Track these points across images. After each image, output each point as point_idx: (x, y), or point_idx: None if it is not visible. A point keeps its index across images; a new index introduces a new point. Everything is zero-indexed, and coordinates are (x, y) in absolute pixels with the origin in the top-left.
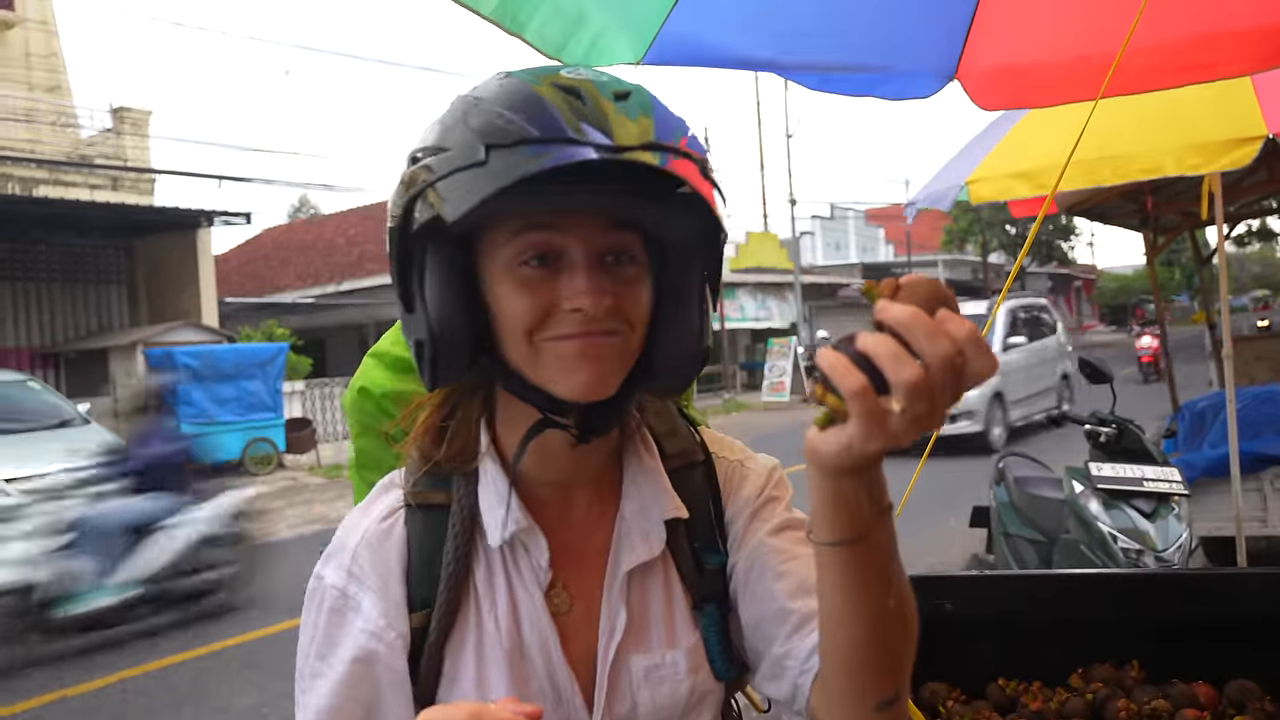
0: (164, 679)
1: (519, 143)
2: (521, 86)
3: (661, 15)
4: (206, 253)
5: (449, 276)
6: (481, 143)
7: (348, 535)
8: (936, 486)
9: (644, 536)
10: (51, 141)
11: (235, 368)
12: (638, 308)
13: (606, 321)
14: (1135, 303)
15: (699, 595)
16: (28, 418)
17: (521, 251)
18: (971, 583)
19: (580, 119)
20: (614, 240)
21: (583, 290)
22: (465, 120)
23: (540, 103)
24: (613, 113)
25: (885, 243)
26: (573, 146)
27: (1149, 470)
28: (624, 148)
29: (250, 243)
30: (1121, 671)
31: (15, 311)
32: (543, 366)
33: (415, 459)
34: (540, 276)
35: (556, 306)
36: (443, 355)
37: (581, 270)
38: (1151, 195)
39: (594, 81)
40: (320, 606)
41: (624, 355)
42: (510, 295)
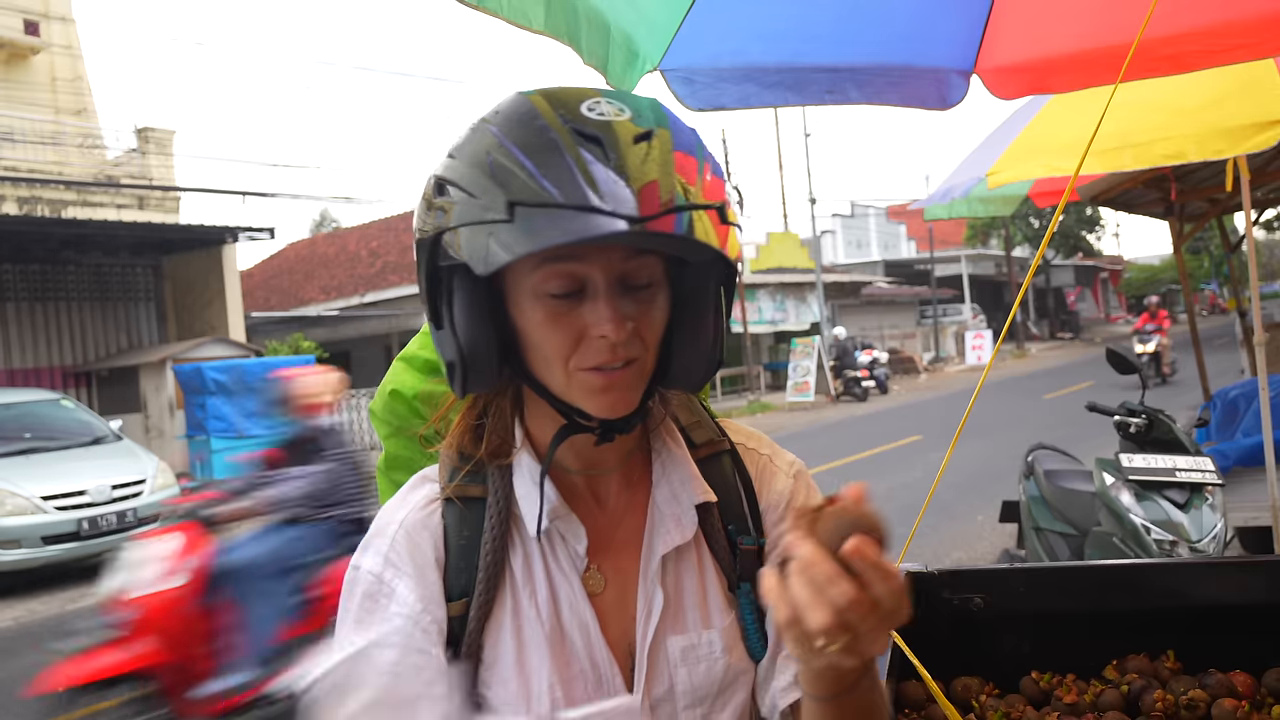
0: None
1: (544, 205)
2: (542, 132)
3: (678, 19)
4: (232, 268)
5: (476, 302)
6: (505, 199)
7: (385, 524)
8: (963, 479)
9: (676, 521)
10: (79, 163)
11: (263, 381)
12: (653, 329)
13: (629, 347)
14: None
15: (735, 575)
16: (61, 436)
17: (546, 281)
18: (1002, 577)
19: (603, 184)
20: (633, 266)
21: (606, 318)
22: (488, 164)
23: (562, 159)
24: (635, 164)
25: (907, 239)
26: (599, 217)
27: (1181, 460)
28: (648, 217)
29: (274, 257)
30: (1157, 663)
31: (47, 331)
32: (573, 390)
33: (453, 457)
34: (567, 306)
35: (585, 334)
36: (472, 372)
37: (603, 299)
38: (1176, 182)
39: (614, 124)
40: (355, 592)
41: (642, 375)
42: (540, 325)
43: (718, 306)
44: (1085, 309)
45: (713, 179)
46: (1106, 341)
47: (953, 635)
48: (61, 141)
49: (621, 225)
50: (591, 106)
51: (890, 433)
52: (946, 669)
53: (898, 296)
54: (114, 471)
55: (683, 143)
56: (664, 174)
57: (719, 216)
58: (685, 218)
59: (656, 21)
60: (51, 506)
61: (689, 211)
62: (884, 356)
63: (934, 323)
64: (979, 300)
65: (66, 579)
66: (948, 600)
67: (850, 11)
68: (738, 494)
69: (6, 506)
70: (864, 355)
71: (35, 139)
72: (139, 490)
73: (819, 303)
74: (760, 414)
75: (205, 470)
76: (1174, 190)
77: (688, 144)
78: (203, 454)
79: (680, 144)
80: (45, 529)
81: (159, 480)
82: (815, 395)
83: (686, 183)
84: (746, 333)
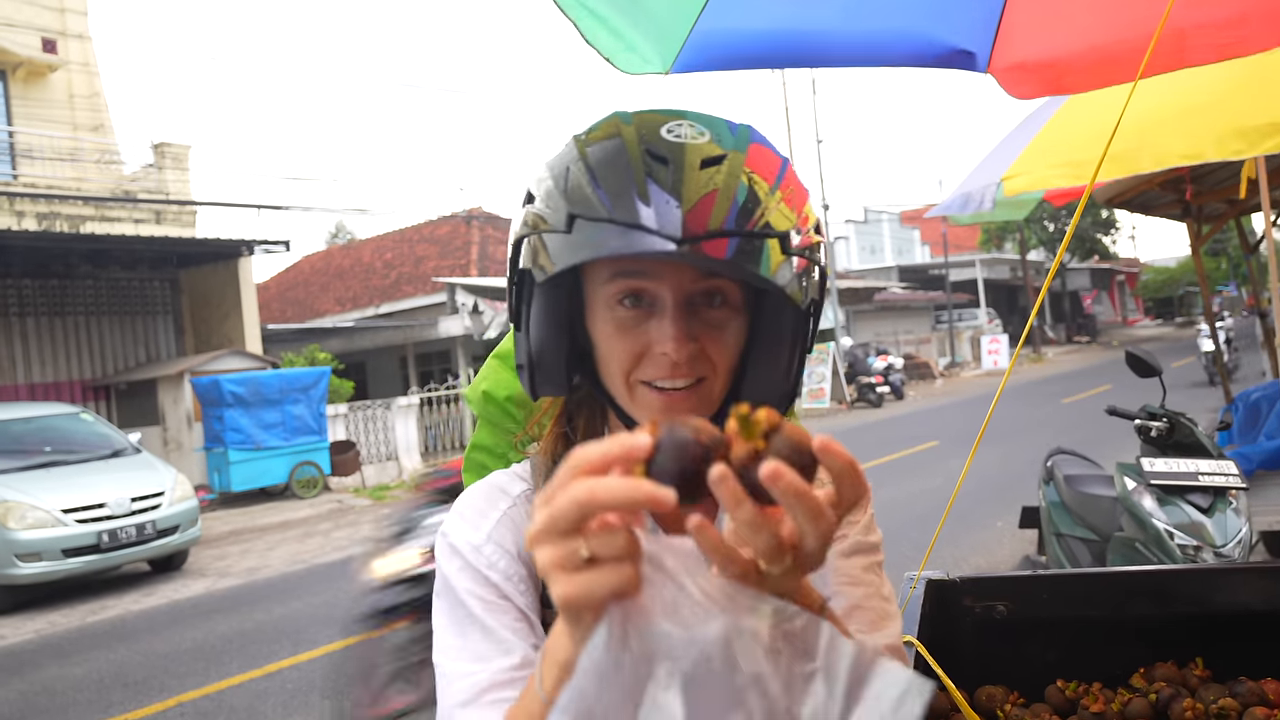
0: (221, 700)
1: (598, 220)
2: (618, 152)
3: (684, 32)
4: (248, 281)
5: (550, 310)
6: (567, 211)
7: (485, 504)
8: (981, 485)
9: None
10: (96, 179)
11: (279, 393)
12: (724, 351)
13: (692, 367)
14: (1183, 294)
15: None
16: (81, 449)
17: (617, 293)
18: (1025, 583)
19: (656, 203)
20: (703, 286)
21: (669, 336)
22: (564, 178)
23: (627, 176)
24: (694, 186)
25: (921, 244)
26: (645, 235)
27: (1204, 464)
28: (694, 239)
29: (290, 270)
30: (1185, 670)
31: (67, 345)
32: (635, 405)
33: (547, 463)
34: (634, 319)
35: (649, 349)
36: (539, 375)
37: (668, 316)
38: (1192, 184)
39: (688, 145)
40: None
41: (709, 399)
42: (609, 337)
43: (796, 339)
44: (1102, 312)
45: (786, 206)
46: (1124, 345)
47: (975, 643)
48: (79, 158)
49: (666, 245)
50: (671, 129)
51: (906, 439)
52: (970, 678)
53: (912, 302)
54: (133, 484)
55: (761, 166)
56: (723, 198)
57: (780, 245)
58: (737, 243)
59: (666, 31)
60: (72, 520)
61: (744, 238)
62: (899, 362)
63: (949, 328)
64: (994, 304)
65: (87, 591)
66: (970, 608)
67: (860, 10)
68: None
69: (27, 520)
70: (879, 361)
71: (54, 155)
72: (158, 502)
73: (834, 309)
74: None
75: (223, 482)
76: (1190, 191)
77: (768, 169)
78: (220, 466)
79: (758, 167)
80: (66, 542)
81: (177, 492)
82: (830, 402)
83: (753, 208)
84: None
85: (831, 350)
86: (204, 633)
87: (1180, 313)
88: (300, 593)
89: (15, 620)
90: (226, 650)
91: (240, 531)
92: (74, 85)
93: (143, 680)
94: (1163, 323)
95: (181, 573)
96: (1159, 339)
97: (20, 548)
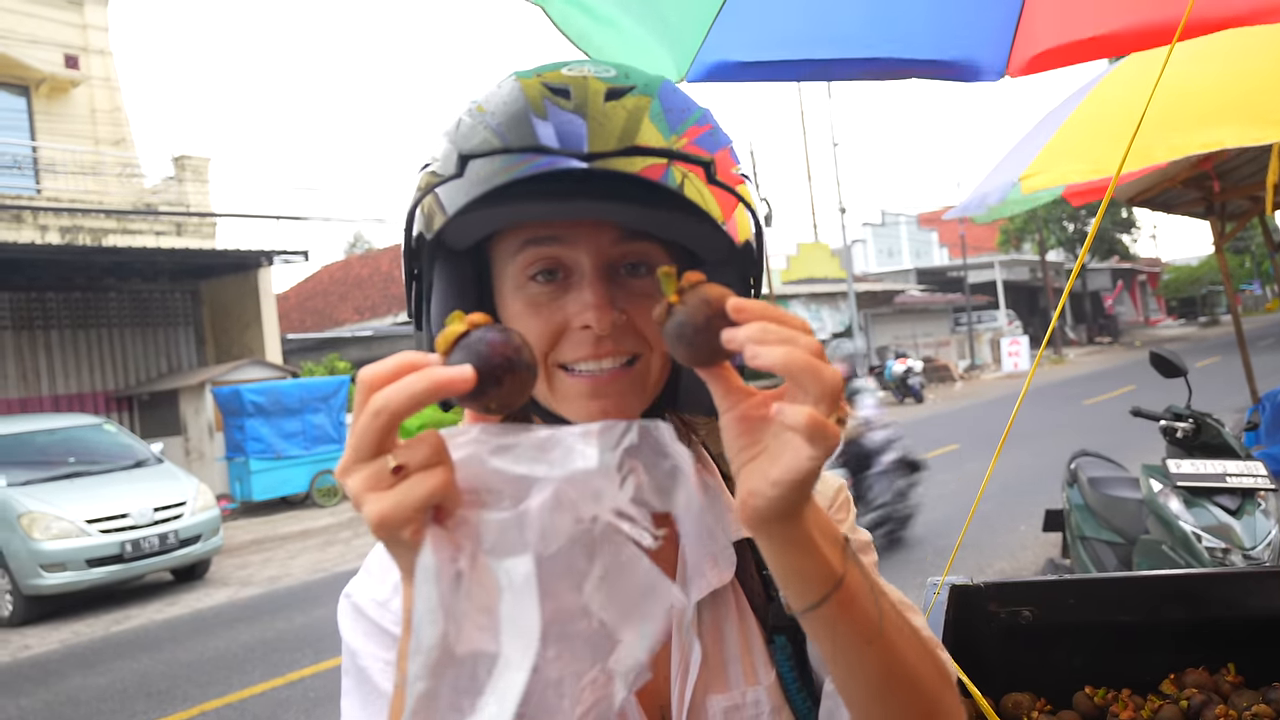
0: (244, 709)
1: (492, 153)
2: (513, 89)
3: (702, 30)
4: (268, 291)
5: (452, 292)
6: (457, 153)
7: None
8: (1003, 489)
9: (713, 561)
10: (118, 192)
11: (300, 402)
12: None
13: (619, 342)
14: (1205, 293)
15: (770, 625)
16: (104, 459)
17: (527, 266)
18: (1051, 588)
19: (556, 123)
20: (627, 250)
21: (589, 304)
22: (455, 130)
23: (520, 106)
24: (598, 112)
25: (939, 246)
26: (542, 156)
27: (1231, 465)
28: (595, 154)
29: (309, 280)
30: (1217, 676)
31: (90, 357)
32: (559, 397)
33: None
34: (548, 294)
35: (568, 325)
36: None
37: (588, 284)
38: (1217, 180)
39: (593, 77)
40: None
41: (644, 381)
42: (520, 317)
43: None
44: (1124, 312)
45: (705, 139)
46: (1147, 345)
47: (1001, 650)
48: (101, 171)
49: (571, 162)
50: (572, 67)
51: (926, 442)
52: (996, 685)
53: (931, 304)
54: (155, 494)
55: (673, 105)
56: (632, 120)
57: (705, 174)
58: (657, 166)
59: (682, 32)
60: (95, 530)
61: (661, 159)
62: (918, 365)
63: (969, 330)
64: (1014, 306)
65: (110, 601)
66: (995, 614)
67: (877, 14)
68: None
69: (52, 530)
70: (898, 364)
71: (76, 170)
72: (180, 512)
73: (851, 312)
74: None
75: (244, 491)
76: (1216, 187)
77: (680, 106)
78: (242, 475)
79: (669, 105)
80: (89, 552)
81: (199, 502)
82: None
83: (667, 133)
84: None
85: None
86: (226, 642)
87: (1203, 312)
88: (322, 601)
89: (41, 630)
90: (249, 659)
91: (262, 540)
92: (96, 100)
93: (166, 690)
94: (1186, 322)
95: (204, 582)
96: (1183, 339)
97: (45, 558)
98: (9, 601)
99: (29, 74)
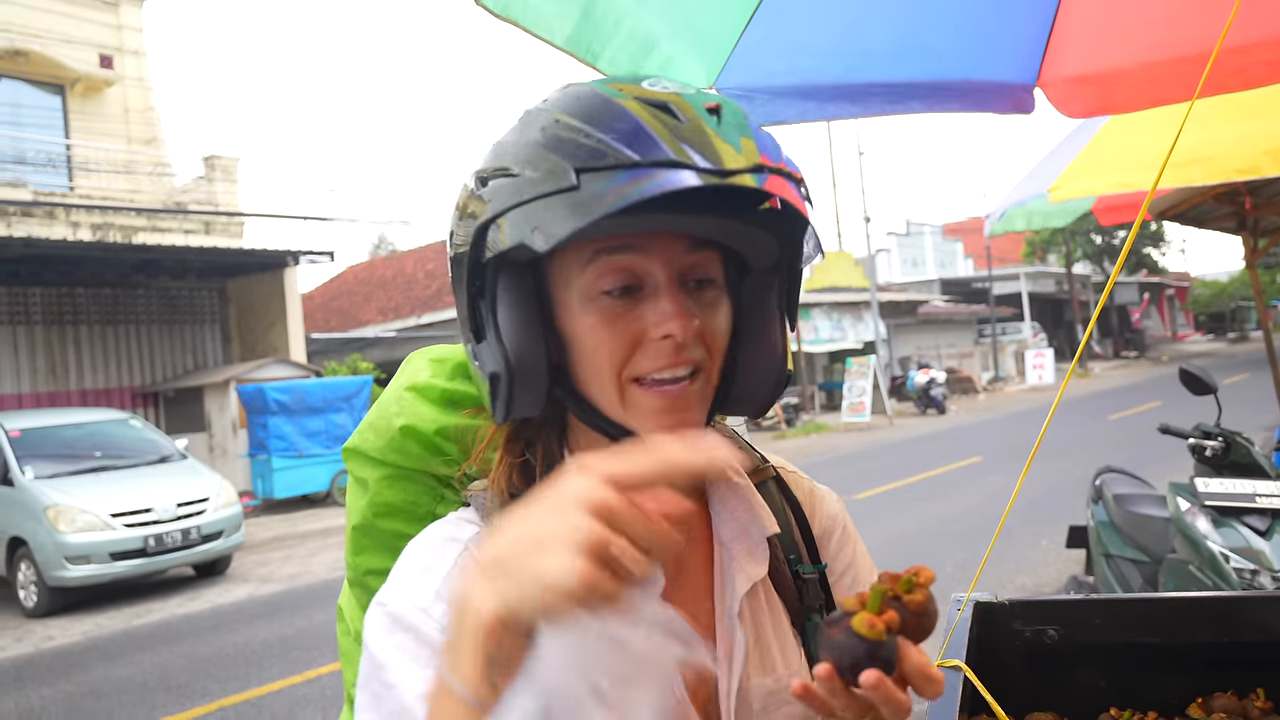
0: (262, 705)
1: (615, 167)
2: (605, 101)
3: (733, 38)
4: (293, 291)
5: (524, 305)
6: (571, 166)
7: (428, 561)
8: (1024, 503)
9: (750, 555)
10: (149, 190)
11: (323, 401)
12: (719, 335)
13: (694, 351)
14: (1234, 309)
15: (804, 608)
16: (130, 454)
17: (600, 278)
18: (1077, 608)
19: (679, 139)
20: (694, 260)
21: (671, 314)
22: (546, 140)
23: (631, 120)
24: (711, 131)
25: (964, 256)
26: (676, 171)
27: (1261, 485)
28: (732, 171)
29: (334, 280)
30: (1246, 701)
31: (118, 352)
32: (630, 409)
33: (501, 495)
34: (624, 307)
35: (644, 336)
36: (520, 388)
37: (666, 294)
38: (1249, 196)
39: (682, 95)
40: (392, 630)
41: (707, 390)
42: (595, 330)
43: (782, 312)
44: (1151, 327)
45: (790, 160)
46: (1174, 360)
47: (1025, 668)
48: (133, 170)
49: (697, 179)
50: (653, 83)
51: (949, 454)
52: (1019, 704)
53: (955, 315)
54: (179, 490)
55: (755, 125)
56: (746, 144)
57: (797, 190)
58: (764, 177)
59: (713, 39)
60: (120, 524)
61: (770, 173)
62: (941, 376)
63: (993, 341)
64: (1039, 318)
65: (133, 595)
66: (1019, 631)
67: (907, 27)
68: (789, 521)
69: (77, 523)
70: (921, 375)
71: (109, 168)
72: (203, 508)
73: (875, 322)
74: (815, 434)
75: (266, 488)
76: (1248, 203)
77: (759, 128)
78: (264, 472)
79: (754, 123)
80: (113, 545)
81: (222, 498)
82: (870, 416)
83: (773, 149)
84: (801, 352)
85: (872, 363)
86: (246, 638)
87: (1233, 328)
88: None
89: (64, 622)
90: (268, 656)
91: (283, 538)
92: (129, 100)
93: (185, 684)
94: (1214, 338)
95: (225, 578)
96: (1211, 354)
97: (70, 550)
98: (34, 592)
99: (64, 73)
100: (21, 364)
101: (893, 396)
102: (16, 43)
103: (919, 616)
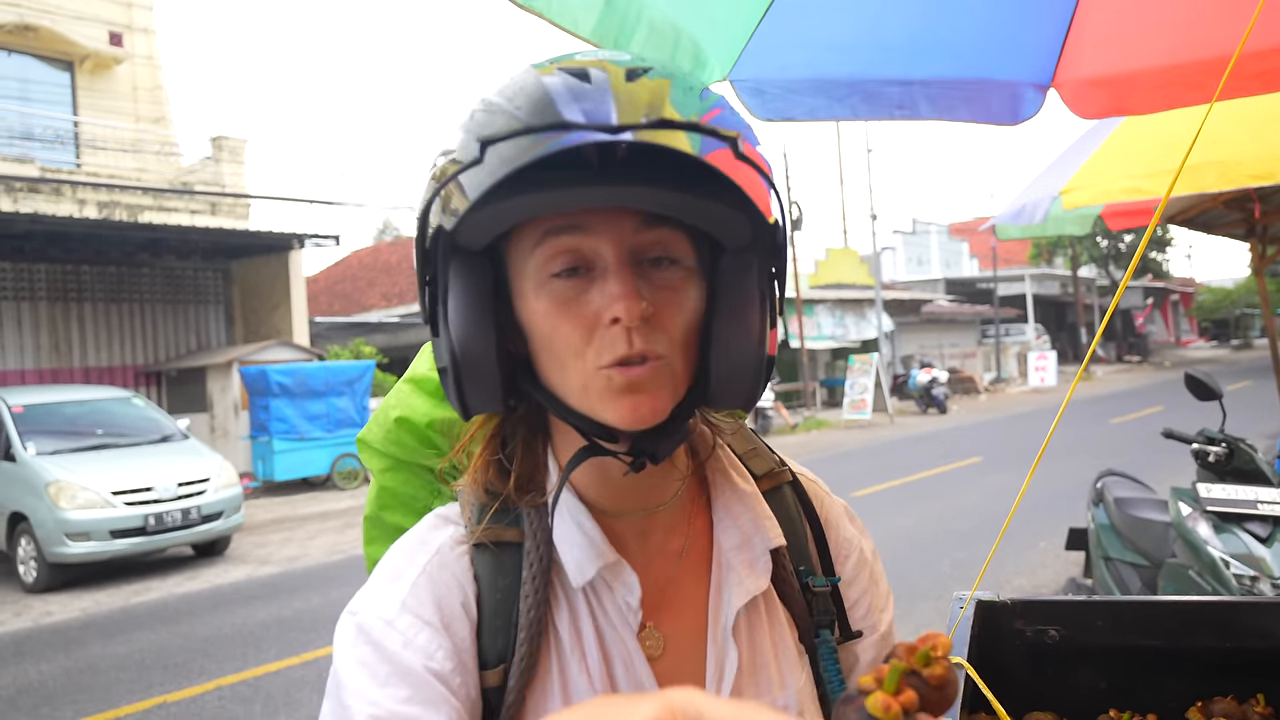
0: (258, 686)
1: (513, 134)
2: (528, 75)
3: (749, 29)
4: (298, 274)
5: (472, 293)
6: (476, 139)
7: (399, 568)
8: (1024, 504)
9: (750, 568)
10: (156, 170)
11: (325, 385)
12: (680, 317)
13: (648, 340)
14: (1239, 316)
15: (813, 622)
16: (132, 433)
17: (549, 260)
18: (1080, 609)
19: (581, 101)
20: (649, 238)
21: (617, 295)
22: (467, 120)
23: (541, 89)
24: (622, 91)
25: (969, 257)
26: (570, 132)
27: (1263, 492)
28: (625, 126)
29: (338, 264)
30: (1245, 706)
31: (122, 331)
32: (589, 392)
33: (479, 494)
34: (574, 290)
35: (598, 320)
36: (469, 381)
37: (614, 274)
38: (1259, 202)
39: (611, 61)
40: (360, 642)
41: (673, 376)
42: (548, 315)
43: (765, 296)
44: (1154, 331)
45: (724, 118)
46: (1177, 365)
47: (1025, 668)
48: (140, 149)
49: (590, 135)
50: (586, 54)
51: (949, 453)
52: (1019, 702)
53: (959, 315)
54: (180, 469)
55: (691, 85)
56: (654, 97)
57: (733, 151)
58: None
59: (728, 30)
60: (120, 502)
61: (685, 129)
62: (943, 375)
63: (996, 342)
64: (1043, 320)
65: (132, 573)
66: (1020, 631)
67: (925, 23)
68: (803, 530)
69: (78, 500)
70: (923, 374)
71: (116, 146)
72: (203, 488)
73: (879, 320)
74: (816, 431)
75: (266, 470)
76: (1258, 210)
77: (697, 89)
78: (265, 454)
79: (687, 86)
80: (114, 523)
81: (222, 479)
82: (872, 413)
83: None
84: (804, 348)
85: (875, 361)
86: (244, 618)
87: (1237, 335)
88: (339, 583)
89: (63, 598)
90: (265, 637)
91: (282, 520)
92: (138, 78)
93: (183, 663)
94: (1218, 344)
95: (224, 558)
96: (1214, 361)
97: (70, 527)
98: (34, 568)
99: (74, 50)
100: (25, 340)
101: (894, 395)
102: (26, 18)
103: (939, 689)
